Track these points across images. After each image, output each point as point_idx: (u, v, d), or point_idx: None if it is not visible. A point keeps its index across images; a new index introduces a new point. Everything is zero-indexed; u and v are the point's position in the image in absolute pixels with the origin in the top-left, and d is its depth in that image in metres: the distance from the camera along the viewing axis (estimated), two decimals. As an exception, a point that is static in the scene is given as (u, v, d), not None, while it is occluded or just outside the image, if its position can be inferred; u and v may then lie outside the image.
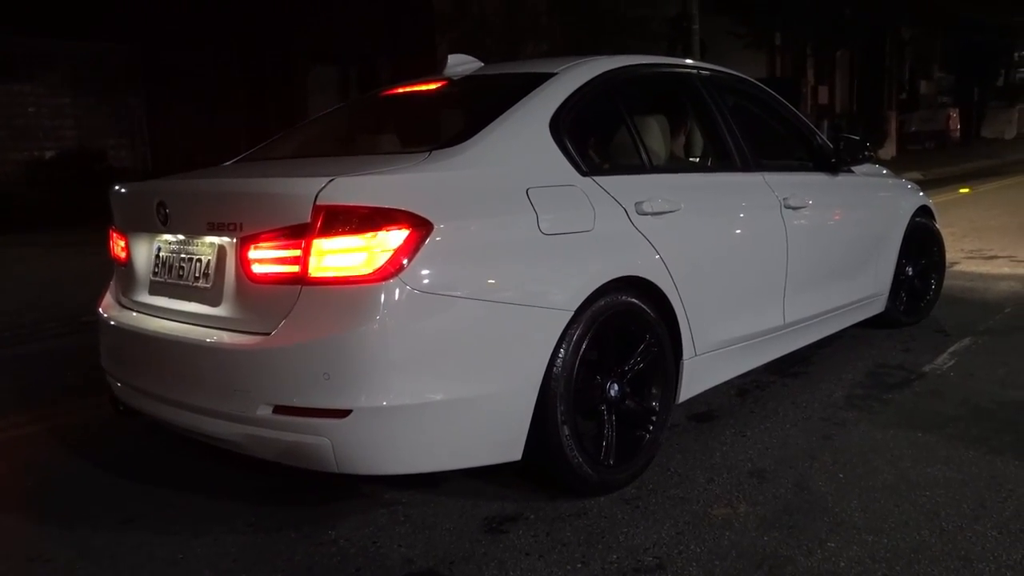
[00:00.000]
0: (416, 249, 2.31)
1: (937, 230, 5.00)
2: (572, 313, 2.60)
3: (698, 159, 3.81)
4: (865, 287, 4.35)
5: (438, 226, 2.35)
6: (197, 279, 2.64)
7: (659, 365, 2.94)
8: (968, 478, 2.84)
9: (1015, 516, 2.56)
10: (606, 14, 14.79)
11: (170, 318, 2.73)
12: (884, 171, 4.81)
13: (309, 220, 2.30)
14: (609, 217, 2.78)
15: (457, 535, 2.56)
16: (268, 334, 2.38)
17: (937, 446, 3.12)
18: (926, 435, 3.23)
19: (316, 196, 2.30)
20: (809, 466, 2.98)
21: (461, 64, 3.48)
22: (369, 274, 2.29)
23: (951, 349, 4.37)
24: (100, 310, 3.08)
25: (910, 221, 4.68)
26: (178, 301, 2.72)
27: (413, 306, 2.31)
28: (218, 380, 2.47)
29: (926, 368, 4.07)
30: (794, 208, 3.67)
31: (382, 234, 2.30)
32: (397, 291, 2.29)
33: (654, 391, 2.94)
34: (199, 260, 2.65)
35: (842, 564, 2.32)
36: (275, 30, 12.89)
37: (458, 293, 2.38)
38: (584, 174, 2.81)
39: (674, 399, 3.07)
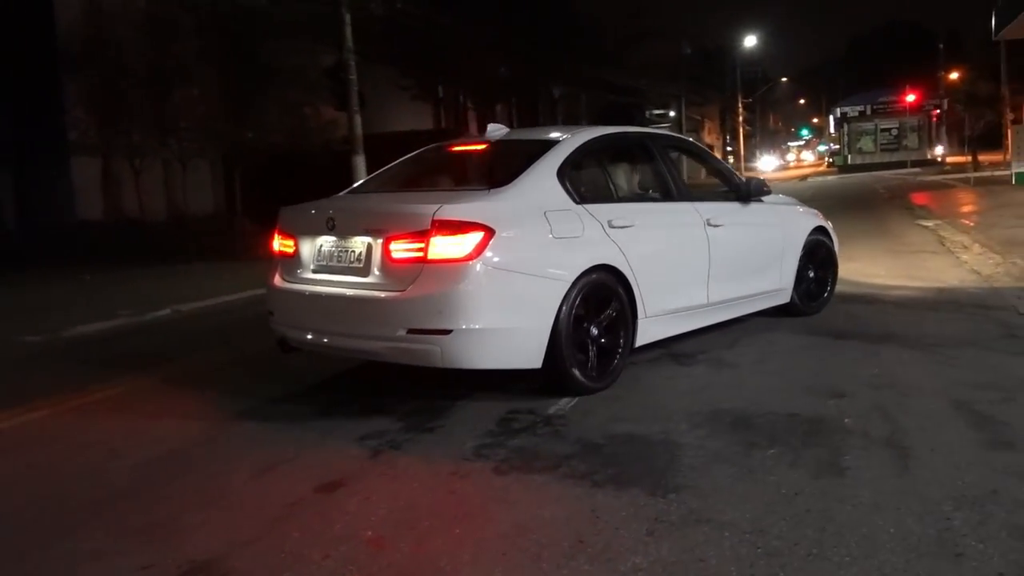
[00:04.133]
0: (487, 244, 4.23)
1: (830, 244, 6.86)
2: (570, 283, 4.50)
3: (648, 192, 5.72)
4: (772, 282, 6.22)
5: (498, 232, 4.27)
6: (352, 262, 4.55)
7: (622, 318, 4.85)
8: (571, 514, 3.09)
9: (606, 547, 2.82)
10: (261, 62, 14.53)
11: (332, 285, 4.62)
12: (793, 202, 6.87)
13: (429, 228, 4.22)
14: (592, 228, 4.74)
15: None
16: (403, 291, 4.26)
17: (550, 486, 3.37)
18: (542, 476, 3.48)
19: (433, 214, 4.23)
20: (429, 525, 3.05)
21: (497, 130, 5.61)
22: (462, 257, 4.20)
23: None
24: (273, 284, 4.98)
25: (808, 237, 6.56)
26: (337, 276, 4.62)
27: (486, 274, 4.22)
28: (374, 317, 4.36)
29: (551, 410, 4.41)
30: (714, 225, 5.59)
31: (469, 235, 4.22)
32: (478, 266, 4.21)
33: (621, 334, 4.84)
34: (353, 251, 4.55)
35: (446, 625, 2.37)
36: None
37: (509, 268, 4.30)
38: (577, 203, 4.77)
39: (633, 342, 4.96)
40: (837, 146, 55.97)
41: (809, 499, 3.15)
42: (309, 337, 4.76)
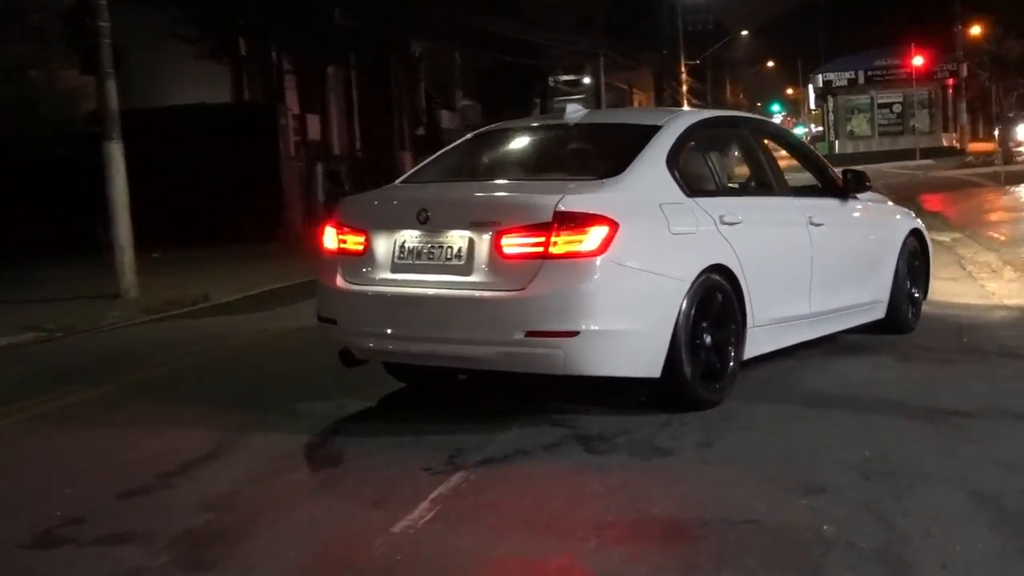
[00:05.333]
0: (612, 239, 5.44)
1: (926, 250, 8.48)
2: (690, 284, 5.77)
3: (749, 184, 7.58)
4: (869, 293, 7.67)
5: (621, 226, 5.49)
6: (449, 259, 5.72)
7: (734, 325, 6.15)
8: None
9: None
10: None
11: (421, 286, 5.80)
12: (884, 199, 8.72)
13: (551, 220, 5.42)
14: (705, 224, 6.08)
15: None
16: (521, 289, 5.43)
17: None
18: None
19: (555, 205, 5.44)
20: None
21: (576, 111, 7.10)
22: (589, 252, 5.42)
23: (434, 493, 4.75)
24: (336, 287, 6.15)
25: (905, 241, 8.02)
26: (427, 275, 5.79)
27: (612, 272, 5.47)
28: (483, 319, 5.59)
29: (396, 528, 4.35)
30: (816, 224, 7.04)
31: (595, 229, 5.44)
32: (604, 263, 5.44)
33: (732, 342, 6.14)
34: (451, 247, 5.73)
35: None
36: None
37: (633, 266, 5.58)
38: (688, 195, 6.13)
39: (742, 353, 6.23)
40: (819, 128, 58.49)
41: (770, 648, 3.19)
42: (390, 347, 6.00)
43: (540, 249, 5.42)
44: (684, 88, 53.56)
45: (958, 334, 7.98)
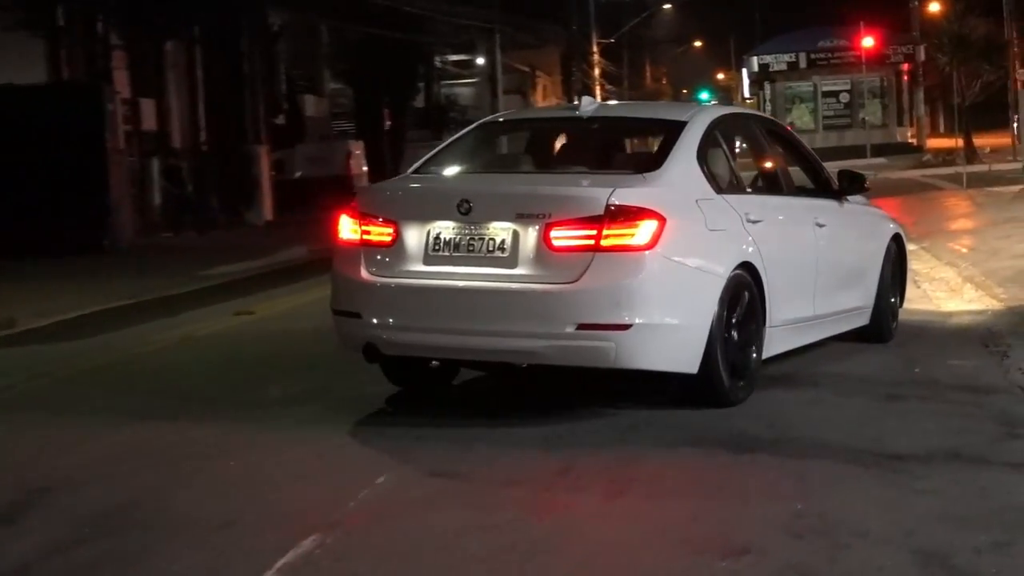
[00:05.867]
0: (661, 233, 6.59)
1: (904, 255, 9.89)
2: (725, 280, 6.94)
3: (759, 183, 8.64)
4: (858, 298, 8.89)
5: (668, 220, 6.63)
6: (492, 251, 6.77)
7: (756, 324, 7.27)
8: None
9: None
10: None
11: (459, 278, 6.86)
12: (866, 200, 9.72)
13: (602, 213, 6.54)
14: (734, 222, 7.28)
15: None
16: (573, 281, 6.51)
17: None
18: None
19: (607, 198, 6.58)
20: None
21: (590, 104, 8.30)
22: (639, 246, 6.59)
23: (281, 562, 4.68)
24: (361, 279, 7.08)
25: (888, 245, 9.37)
26: (465, 267, 6.87)
27: (662, 265, 6.69)
28: (532, 312, 6.65)
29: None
30: (820, 226, 8.28)
31: (646, 223, 6.59)
32: (655, 257, 6.63)
33: (754, 340, 7.27)
34: (493, 239, 6.77)
35: None
36: None
37: (679, 260, 6.79)
38: (718, 192, 7.34)
39: (761, 353, 7.36)
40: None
41: None
42: (423, 341, 6.91)
43: (591, 242, 6.48)
44: (596, 71, 54.05)
45: (907, 364, 8.15)
